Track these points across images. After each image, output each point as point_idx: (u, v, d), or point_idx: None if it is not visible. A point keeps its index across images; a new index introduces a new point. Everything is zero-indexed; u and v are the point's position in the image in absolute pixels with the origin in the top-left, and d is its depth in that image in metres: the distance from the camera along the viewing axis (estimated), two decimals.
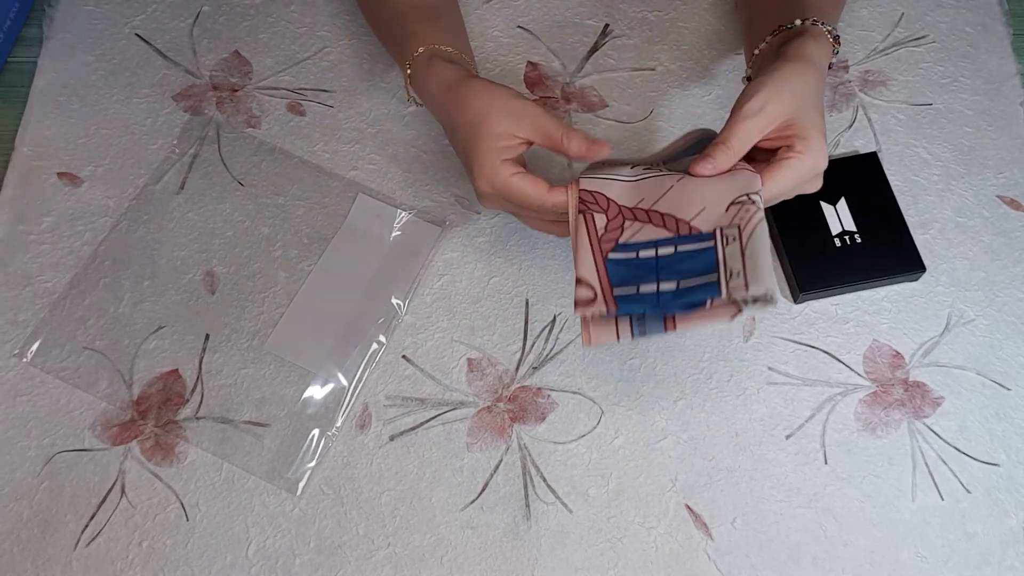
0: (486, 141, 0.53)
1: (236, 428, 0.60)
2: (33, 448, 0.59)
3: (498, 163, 0.53)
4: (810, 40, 0.55)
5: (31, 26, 0.75)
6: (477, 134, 0.54)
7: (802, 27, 0.57)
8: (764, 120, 0.52)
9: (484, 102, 0.55)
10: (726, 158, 0.52)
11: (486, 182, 0.54)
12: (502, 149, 0.54)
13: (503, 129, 0.54)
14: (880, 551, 0.57)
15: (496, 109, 0.54)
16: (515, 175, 0.53)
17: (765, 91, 0.52)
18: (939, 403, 0.61)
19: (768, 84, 0.52)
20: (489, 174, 0.53)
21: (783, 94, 0.52)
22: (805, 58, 0.54)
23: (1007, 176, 0.68)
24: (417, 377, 0.62)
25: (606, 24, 0.75)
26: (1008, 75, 0.72)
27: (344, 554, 0.57)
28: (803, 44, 0.55)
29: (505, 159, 0.54)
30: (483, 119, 0.54)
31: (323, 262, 0.65)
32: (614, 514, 0.58)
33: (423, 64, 0.59)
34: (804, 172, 0.52)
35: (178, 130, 0.70)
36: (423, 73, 0.59)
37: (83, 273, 0.65)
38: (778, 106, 0.52)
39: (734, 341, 0.63)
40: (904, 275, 0.63)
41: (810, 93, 0.53)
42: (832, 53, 0.58)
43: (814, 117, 0.52)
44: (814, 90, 0.53)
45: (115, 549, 0.57)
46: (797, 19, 0.57)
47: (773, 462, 0.59)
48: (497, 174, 0.53)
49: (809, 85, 0.53)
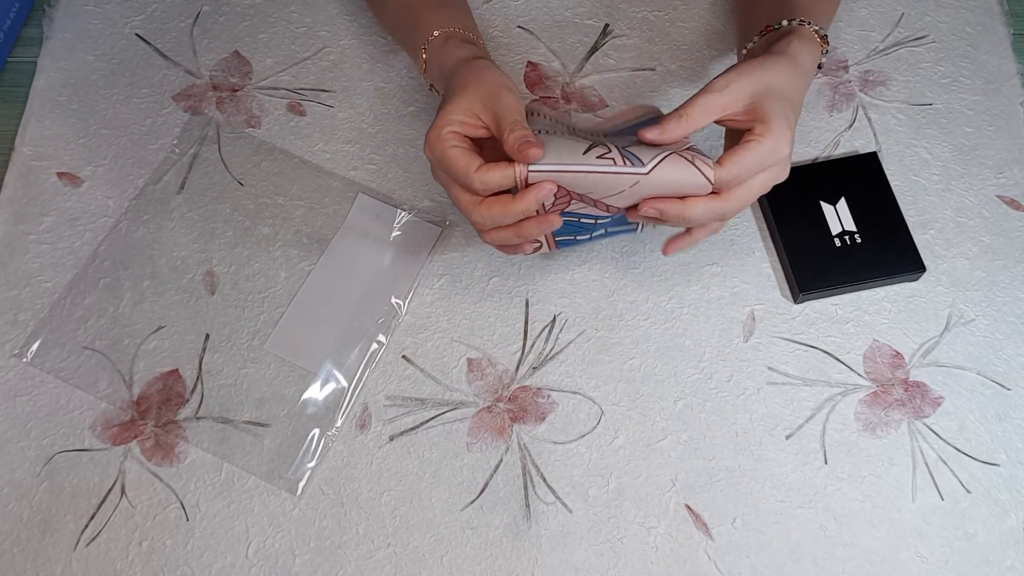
0: (448, 110, 0.52)
1: (236, 428, 0.60)
2: (33, 448, 0.59)
3: (445, 131, 0.52)
4: (795, 39, 0.56)
5: (31, 26, 0.75)
6: (447, 102, 0.53)
7: (789, 27, 0.58)
8: (726, 98, 0.52)
9: (471, 78, 0.54)
10: (678, 127, 0.51)
11: (430, 147, 0.52)
12: (458, 123, 0.52)
13: (468, 105, 0.52)
14: (880, 551, 0.57)
15: (474, 87, 0.53)
16: (454, 147, 0.51)
17: (735, 72, 0.53)
18: (939, 403, 0.61)
19: (741, 68, 0.53)
20: (433, 138, 0.52)
21: (751, 78, 0.52)
22: (786, 54, 0.54)
23: (1007, 176, 0.68)
24: (417, 377, 0.62)
25: (606, 24, 0.75)
26: (1008, 75, 0.72)
27: (344, 554, 0.57)
28: (787, 42, 0.55)
29: (454, 131, 0.52)
30: (459, 90, 0.53)
31: (323, 262, 0.65)
32: (614, 514, 0.58)
33: (438, 46, 0.59)
34: (763, 155, 0.51)
35: (178, 130, 0.70)
36: (438, 54, 0.59)
37: (83, 273, 0.65)
38: (743, 87, 0.52)
39: (734, 341, 0.63)
40: (904, 275, 0.63)
41: (783, 85, 0.53)
42: (821, 53, 0.58)
43: (780, 105, 0.52)
44: (789, 83, 0.53)
45: (115, 549, 0.57)
46: (784, 19, 0.58)
47: (773, 462, 0.59)
48: (440, 140, 0.51)
49: (784, 77, 0.53)
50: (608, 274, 0.65)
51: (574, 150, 0.50)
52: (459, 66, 0.56)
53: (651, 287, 0.64)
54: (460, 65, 0.56)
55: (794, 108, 0.54)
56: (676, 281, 0.65)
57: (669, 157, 0.49)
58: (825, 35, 0.58)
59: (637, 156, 0.50)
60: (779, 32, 0.58)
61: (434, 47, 0.59)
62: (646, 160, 0.49)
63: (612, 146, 0.50)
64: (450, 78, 0.56)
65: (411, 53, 0.64)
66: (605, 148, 0.50)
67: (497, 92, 0.53)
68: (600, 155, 0.49)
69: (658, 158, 0.49)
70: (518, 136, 0.50)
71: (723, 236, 0.66)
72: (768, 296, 0.64)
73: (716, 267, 0.65)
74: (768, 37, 0.59)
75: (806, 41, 0.56)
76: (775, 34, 0.58)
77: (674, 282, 0.65)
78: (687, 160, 0.49)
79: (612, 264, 0.65)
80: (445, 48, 0.58)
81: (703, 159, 0.50)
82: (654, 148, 0.51)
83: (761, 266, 0.65)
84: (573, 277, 0.65)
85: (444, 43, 0.59)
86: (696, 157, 0.50)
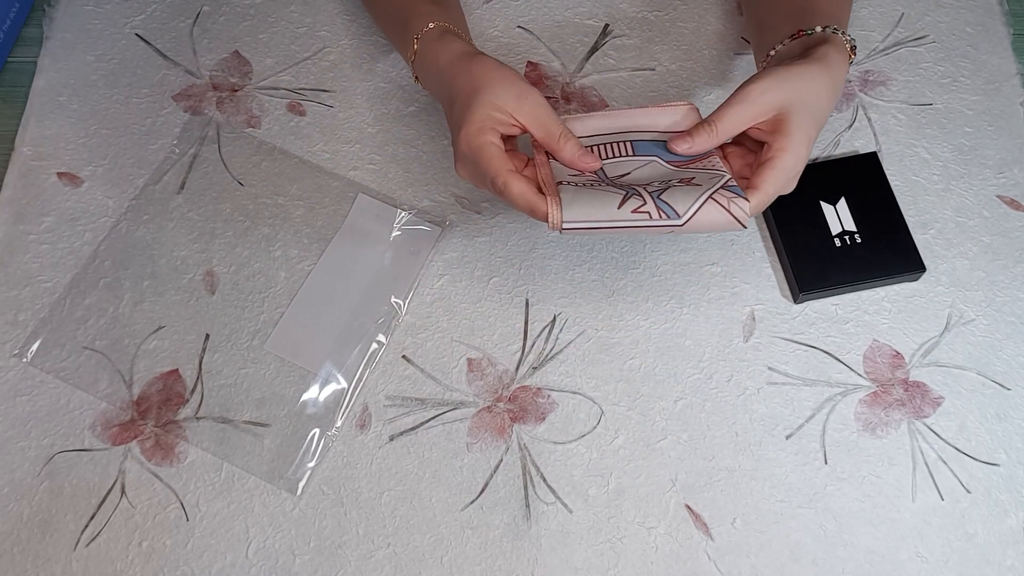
0: (483, 107, 0.52)
1: (236, 428, 0.60)
2: (33, 448, 0.59)
3: (486, 126, 0.51)
4: (832, 48, 0.54)
5: (31, 26, 0.75)
6: (476, 98, 0.52)
7: (823, 34, 0.56)
8: (756, 108, 0.51)
9: (492, 75, 0.53)
10: (707, 140, 0.51)
11: (467, 140, 0.52)
12: (495, 119, 0.52)
13: (503, 103, 0.52)
14: (880, 551, 0.57)
15: (502, 83, 0.53)
16: (492, 144, 0.51)
17: (769, 79, 0.51)
18: (939, 403, 0.61)
19: (776, 75, 0.52)
20: (474, 131, 0.51)
21: (785, 87, 0.51)
22: (826, 63, 0.53)
23: (1007, 176, 0.68)
24: (417, 377, 0.62)
25: (606, 24, 0.75)
26: (1008, 75, 0.72)
27: (344, 554, 0.57)
28: (826, 50, 0.54)
29: (493, 127, 0.52)
30: (486, 87, 0.52)
31: (323, 262, 0.65)
32: (614, 514, 0.58)
33: (432, 38, 0.58)
34: (787, 170, 0.51)
35: (178, 130, 0.70)
36: (432, 47, 0.58)
37: (83, 273, 0.65)
38: (776, 96, 0.51)
39: (734, 341, 0.63)
40: (904, 275, 0.63)
41: (814, 97, 0.52)
42: (848, 64, 0.57)
43: (805, 121, 0.51)
44: (821, 97, 0.52)
45: (115, 549, 0.57)
46: (817, 26, 0.56)
47: (773, 462, 0.59)
48: (481, 133, 0.51)
49: (818, 88, 0.52)
50: (608, 274, 0.65)
51: (608, 203, 0.49)
52: (467, 62, 0.55)
53: (651, 287, 0.64)
54: (467, 60, 0.55)
55: (818, 124, 0.53)
56: (676, 281, 0.65)
57: (705, 205, 0.49)
58: (855, 46, 0.57)
59: (671, 206, 0.49)
60: (813, 38, 0.56)
61: (428, 39, 0.58)
62: (681, 211, 0.49)
63: (647, 195, 0.49)
64: (460, 76, 0.55)
65: (399, 43, 0.63)
66: (640, 200, 0.49)
67: (529, 91, 0.53)
68: (635, 208, 0.49)
69: (694, 207, 0.49)
70: (576, 145, 0.52)
71: (723, 236, 0.66)
72: (768, 296, 0.64)
73: (716, 267, 0.65)
74: (802, 41, 0.57)
75: (841, 51, 0.55)
76: (808, 39, 0.56)
77: (674, 282, 0.65)
78: (722, 207, 0.49)
79: (612, 264, 0.65)
80: (441, 41, 0.58)
81: (739, 202, 0.49)
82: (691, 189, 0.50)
83: (761, 266, 0.65)
84: (573, 277, 0.65)
85: (440, 36, 0.58)
86: (732, 201, 0.49)
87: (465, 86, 0.54)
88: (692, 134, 0.52)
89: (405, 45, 0.61)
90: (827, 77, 0.53)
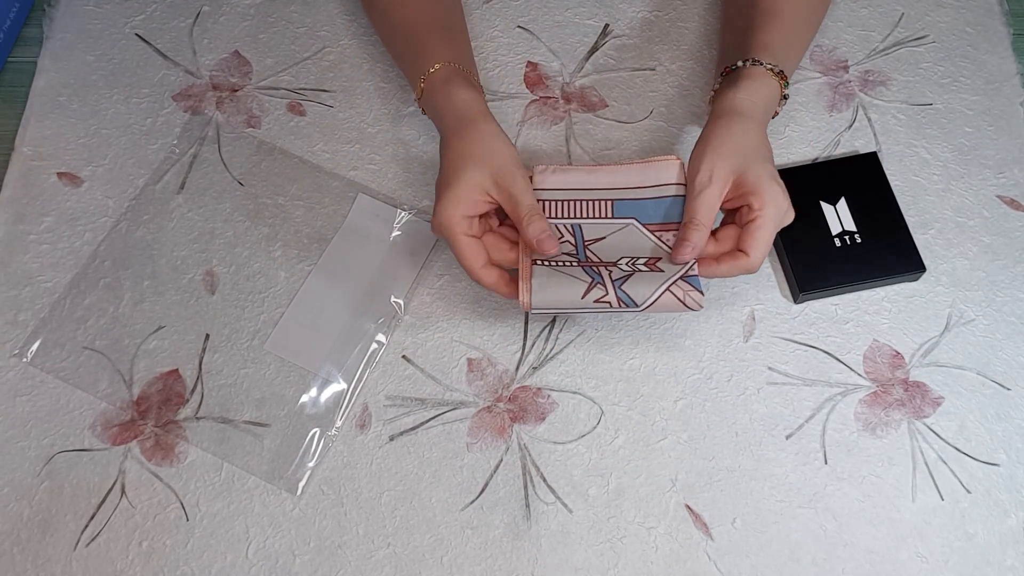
0: (459, 187, 0.55)
1: (236, 428, 0.60)
2: (33, 448, 0.59)
3: (458, 215, 0.55)
4: (742, 88, 0.57)
5: (31, 26, 0.75)
6: (457, 174, 0.55)
7: (741, 70, 0.59)
8: (718, 187, 0.55)
9: (480, 149, 0.56)
10: (699, 235, 0.55)
11: (439, 222, 0.55)
12: (470, 202, 0.55)
13: (479, 182, 0.55)
14: (880, 551, 0.57)
15: (485, 162, 0.56)
16: (464, 235, 0.55)
17: (707, 160, 0.55)
18: (939, 403, 0.61)
19: (707, 152, 0.55)
20: (446, 219, 0.55)
21: (724, 156, 0.55)
22: (735, 111, 0.57)
23: (1007, 176, 0.68)
24: (417, 377, 0.62)
25: (606, 24, 0.75)
26: (1008, 75, 0.72)
27: (344, 554, 0.57)
28: (734, 95, 0.57)
29: (467, 215, 0.55)
30: (470, 162, 0.55)
31: (323, 262, 0.65)
32: (614, 514, 0.58)
33: (439, 82, 0.60)
34: (775, 221, 0.55)
35: (178, 130, 0.70)
36: (439, 91, 0.60)
37: (83, 273, 0.65)
38: (725, 169, 0.55)
39: (734, 341, 0.63)
40: (904, 275, 0.63)
41: (748, 146, 0.55)
42: (781, 87, 0.59)
43: (761, 168, 0.55)
44: (751, 140, 0.56)
45: (115, 549, 0.57)
46: (740, 60, 0.59)
47: (773, 462, 0.59)
48: (452, 224, 0.55)
49: (746, 137, 0.56)
50: None
51: (573, 291, 0.54)
52: (464, 127, 0.57)
53: None
54: (464, 126, 0.57)
55: (770, 160, 0.56)
56: None
57: (662, 297, 0.54)
58: (781, 71, 0.59)
59: (631, 296, 0.54)
60: (732, 76, 0.59)
61: (435, 81, 0.60)
62: (639, 301, 0.54)
63: (610, 286, 0.54)
64: (453, 139, 0.57)
65: (408, 74, 0.65)
66: (603, 291, 0.54)
67: (509, 170, 0.56)
68: (597, 299, 0.54)
69: (652, 298, 0.54)
70: (536, 229, 0.54)
71: None
72: (768, 296, 0.64)
73: None
74: (724, 80, 0.60)
75: (757, 84, 0.58)
76: (729, 78, 0.60)
77: None
78: (678, 299, 0.54)
79: None
80: (447, 87, 0.59)
81: (694, 296, 0.54)
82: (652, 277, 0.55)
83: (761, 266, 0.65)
84: None
85: (446, 81, 0.60)
86: (688, 294, 0.54)
87: (454, 152, 0.57)
88: (687, 238, 0.55)
89: (412, 79, 0.63)
90: (744, 122, 0.56)
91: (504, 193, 0.55)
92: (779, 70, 0.59)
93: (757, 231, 0.54)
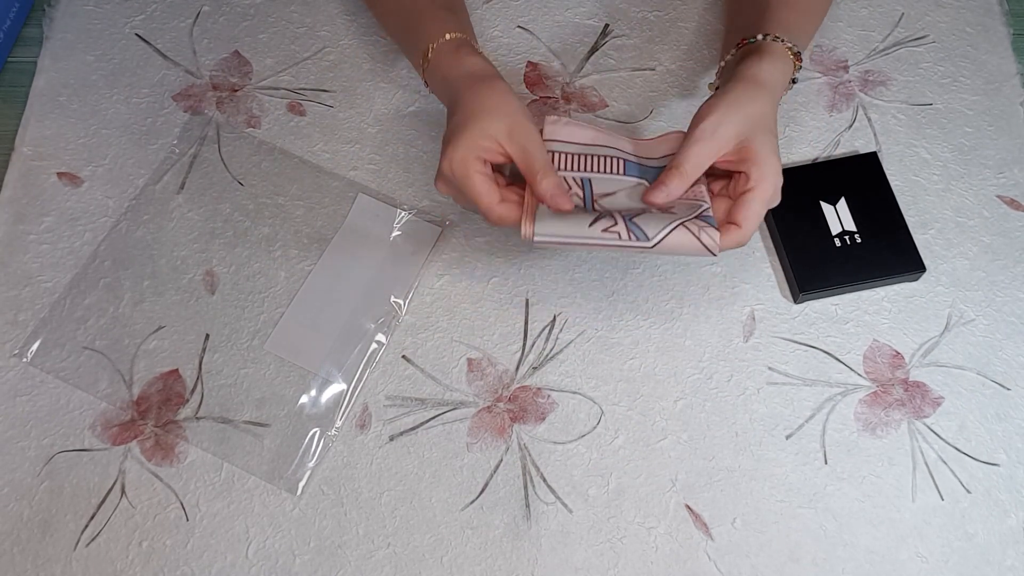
0: (473, 132, 0.53)
1: (236, 428, 0.60)
2: (33, 448, 0.59)
3: (471, 156, 0.53)
4: (766, 59, 0.56)
5: (31, 26, 0.75)
6: (470, 121, 0.54)
7: (761, 43, 0.58)
8: (717, 143, 0.53)
9: (494, 102, 0.55)
10: (679, 183, 0.53)
11: (451, 166, 0.54)
12: (483, 148, 0.53)
13: (494, 132, 0.54)
14: (880, 551, 0.57)
15: (500, 113, 0.54)
16: (479, 173, 0.53)
17: (717, 113, 0.53)
18: (939, 403, 0.61)
19: (719, 106, 0.54)
20: (459, 159, 0.53)
21: (734, 117, 0.53)
22: (756, 80, 0.55)
23: (1007, 176, 0.68)
24: (417, 377, 0.62)
25: (606, 24, 0.75)
26: (1008, 75, 0.72)
27: (344, 554, 0.57)
28: (758, 64, 0.56)
29: (479, 156, 0.54)
30: (483, 113, 0.54)
31: (323, 262, 0.65)
32: (614, 514, 0.58)
33: (450, 49, 0.59)
34: (769, 196, 0.53)
35: (178, 130, 0.70)
36: (448, 57, 0.58)
37: (83, 273, 0.64)
38: (730, 128, 0.53)
39: (734, 341, 0.63)
40: (904, 275, 0.63)
41: (761, 115, 0.54)
42: (794, 69, 0.58)
43: (767, 139, 0.53)
44: (765, 112, 0.54)
45: (115, 549, 0.57)
46: (759, 34, 0.58)
47: (773, 462, 0.59)
48: (466, 163, 0.53)
49: (760, 107, 0.54)
50: (608, 274, 0.65)
51: (580, 221, 0.51)
52: (477, 83, 0.56)
53: (651, 287, 0.64)
54: (478, 82, 0.56)
55: (776, 137, 0.55)
56: (676, 281, 0.65)
57: (676, 230, 0.50)
58: (799, 52, 0.58)
59: (642, 229, 0.50)
60: (751, 47, 0.58)
61: (444, 50, 0.59)
62: (651, 234, 0.50)
63: (618, 217, 0.51)
64: (466, 93, 0.56)
65: (409, 50, 0.64)
66: (611, 220, 0.51)
67: (523, 124, 0.54)
68: (605, 228, 0.51)
69: (664, 231, 0.50)
70: (550, 184, 0.52)
71: None
72: (768, 296, 0.64)
73: (716, 267, 0.65)
74: (742, 51, 0.59)
75: (776, 61, 0.56)
76: (748, 48, 0.58)
77: (674, 282, 0.65)
78: (692, 234, 0.50)
79: (612, 264, 0.65)
80: (457, 55, 0.58)
81: (710, 232, 0.51)
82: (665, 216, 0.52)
83: (761, 266, 0.65)
84: (573, 277, 0.65)
85: (456, 49, 0.59)
86: (703, 230, 0.50)
87: (467, 105, 0.55)
88: (664, 182, 0.53)
89: (416, 50, 0.61)
90: (762, 93, 0.55)
91: (517, 145, 0.54)
92: (797, 50, 0.58)
93: (752, 203, 0.52)
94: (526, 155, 0.54)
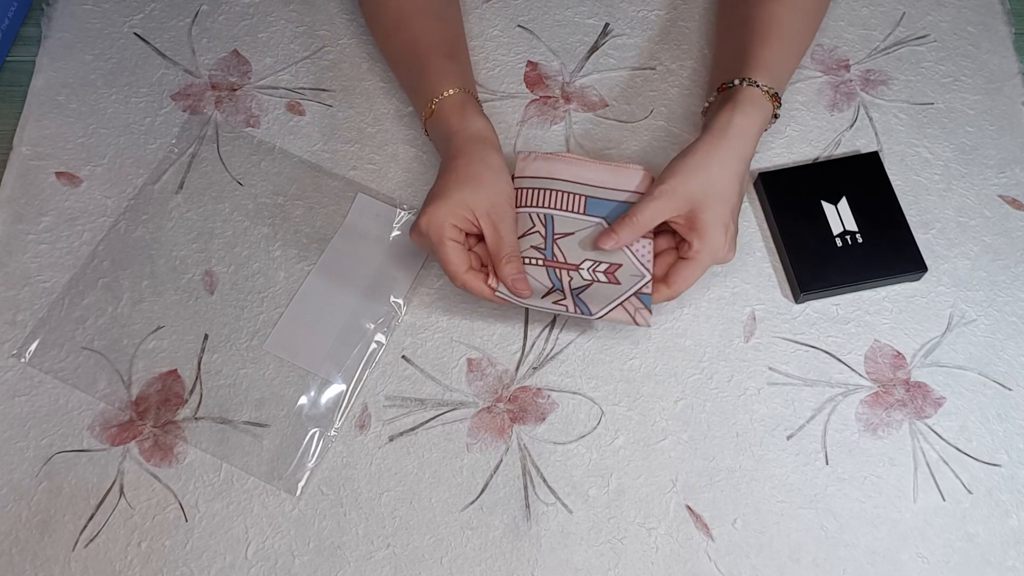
0: (454, 201, 0.56)
1: (235, 428, 0.60)
2: (32, 448, 0.59)
3: (447, 222, 0.56)
4: (740, 108, 0.58)
5: (29, 25, 0.75)
6: (454, 189, 0.57)
7: (738, 89, 0.59)
8: (674, 204, 0.57)
9: (484, 177, 0.57)
10: (630, 233, 0.58)
11: (428, 226, 0.56)
12: (460, 217, 0.56)
13: (474, 205, 0.57)
14: (881, 552, 0.57)
15: (485, 190, 0.57)
16: (451, 240, 0.56)
17: (680, 177, 0.57)
18: (940, 403, 0.61)
19: (683, 169, 0.57)
20: (435, 223, 0.56)
21: (692, 181, 0.57)
22: (725, 134, 0.58)
23: (1008, 176, 0.68)
24: (417, 377, 0.62)
25: (606, 24, 0.74)
26: (1010, 74, 0.72)
27: (344, 555, 0.57)
28: (731, 115, 0.58)
29: (454, 224, 0.56)
30: (469, 185, 0.57)
31: (322, 262, 0.65)
32: (614, 515, 0.58)
33: (454, 106, 0.61)
34: (703, 266, 0.57)
35: (177, 129, 0.70)
36: (452, 113, 0.61)
37: (82, 273, 0.64)
38: (685, 190, 0.57)
39: (735, 341, 0.63)
40: (905, 275, 0.63)
41: (721, 181, 0.57)
42: (773, 107, 0.60)
43: (718, 212, 0.56)
44: (729, 176, 0.57)
45: (114, 550, 0.57)
46: (736, 79, 0.60)
47: (774, 463, 0.59)
48: (441, 229, 0.56)
49: (723, 170, 0.57)
50: None
51: (536, 293, 0.58)
52: (474, 149, 0.58)
53: None
54: (475, 150, 0.58)
55: (730, 203, 0.57)
56: None
57: (615, 310, 0.57)
58: (776, 93, 0.60)
59: (587, 304, 0.57)
60: (729, 93, 0.60)
61: (449, 105, 0.61)
62: (594, 310, 0.57)
63: (568, 293, 0.58)
64: (461, 158, 0.58)
65: (413, 95, 0.65)
66: (561, 295, 0.58)
67: (502, 207, 0.58)
68: (555, 301, 0.57)
69: (605, 309, 0.57)
70: (513, 269, 0.57)
71: None
72: (769, 296, 0.64)
73: (716, 267, 0.65)
74: (721, 96, 0.61)
75: (754, 106, 0.58)
76: (726, 95, 0.60)
77: None
78: (628, 313, 0.57)
79: None
80: (462, 113, 0.60)
81: (643, 313, 0.57)
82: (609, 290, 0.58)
83: (762, 266, 0.65)
84: None
85: (461, 107, 0.61)
86: (638, 312, 0.57)
87: (458, 170, 0.58)
88: (616, 230, 0.57)
89: (419, 100, 0.63)
90: (731, 149, 0.57)
91: (491, 226, 0.57)
92: (774, 92, 0.59)
93: (688, 269, 0.57)
94: (497, 237, 0.57)
